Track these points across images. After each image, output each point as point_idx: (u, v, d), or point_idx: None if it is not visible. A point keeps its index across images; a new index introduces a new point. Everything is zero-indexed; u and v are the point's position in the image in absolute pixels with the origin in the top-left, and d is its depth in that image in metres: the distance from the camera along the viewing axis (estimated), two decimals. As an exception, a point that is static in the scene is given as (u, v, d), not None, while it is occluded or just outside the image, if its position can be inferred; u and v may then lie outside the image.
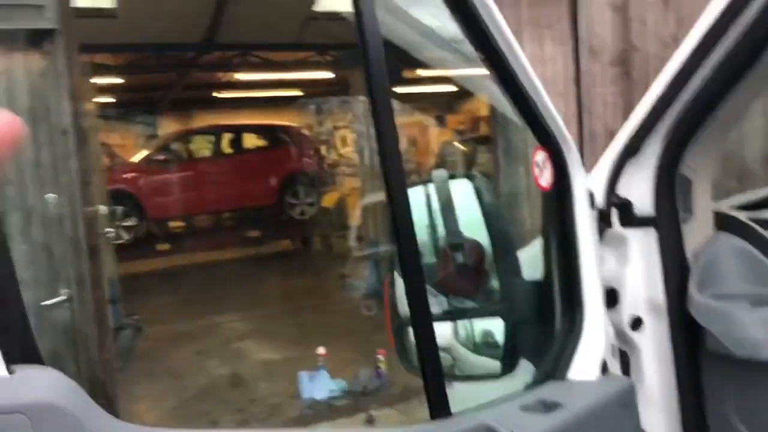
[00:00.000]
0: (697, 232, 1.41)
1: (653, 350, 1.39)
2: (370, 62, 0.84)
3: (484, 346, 1.47)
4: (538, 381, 1.20)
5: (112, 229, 7.27)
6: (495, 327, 1.44)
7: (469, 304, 1.41)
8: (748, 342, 1.21)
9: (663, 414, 1.38)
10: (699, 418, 1.37)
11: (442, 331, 1.54)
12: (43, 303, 3.67)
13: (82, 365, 3.91)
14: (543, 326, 1.32)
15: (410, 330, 1.48)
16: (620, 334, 1.41)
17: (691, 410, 1.36)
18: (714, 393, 1.35)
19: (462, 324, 1.50)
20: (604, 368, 1.25)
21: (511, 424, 0.92)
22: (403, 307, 1.48)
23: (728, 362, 1.31)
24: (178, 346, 6.40)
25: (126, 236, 9.09)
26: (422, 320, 0.94)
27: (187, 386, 5.44)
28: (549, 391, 1.10)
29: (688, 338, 1.35)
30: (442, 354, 1.64)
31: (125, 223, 9.04)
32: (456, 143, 12.16)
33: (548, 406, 1.01)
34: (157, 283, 8.77)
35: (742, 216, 1.39)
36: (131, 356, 5.99)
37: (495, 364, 1.40)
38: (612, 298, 1.42)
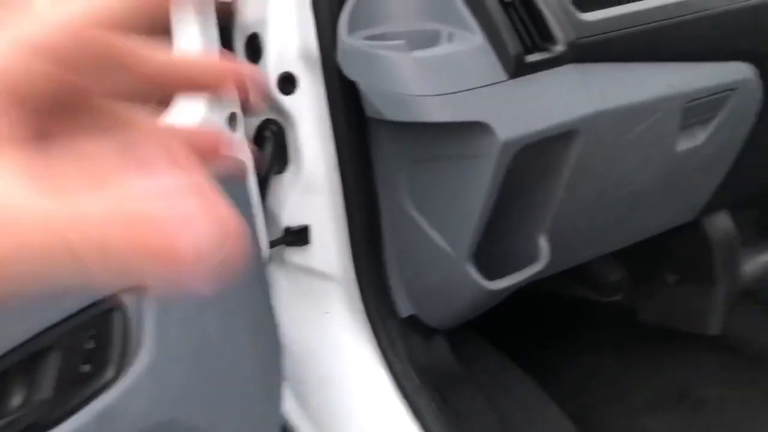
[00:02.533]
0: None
1: (310, 117, 1.02)
2: None
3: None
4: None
5: None
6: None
7: None
8: (398, 96, 0.86)
9: (327, 199, 1.05)
10: (369, 203, 1.05)
11: None
12: None
13: None
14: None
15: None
16: (270, 100, 1.02)
17: (356, 194, 1.03)
18: (384, 171, 1.03)
19: None
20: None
21: None
22: None
23: (393, 129, 0.97)
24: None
25: None
26: None
27: None
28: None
29: (349, 100, 0.99)
30: None
31: None
32: None
33: None
34: None
35: None
36: None
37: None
38: (254, 47, 1.01)
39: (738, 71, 1.17)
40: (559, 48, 0.92)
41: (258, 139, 1.05)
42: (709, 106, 1.14)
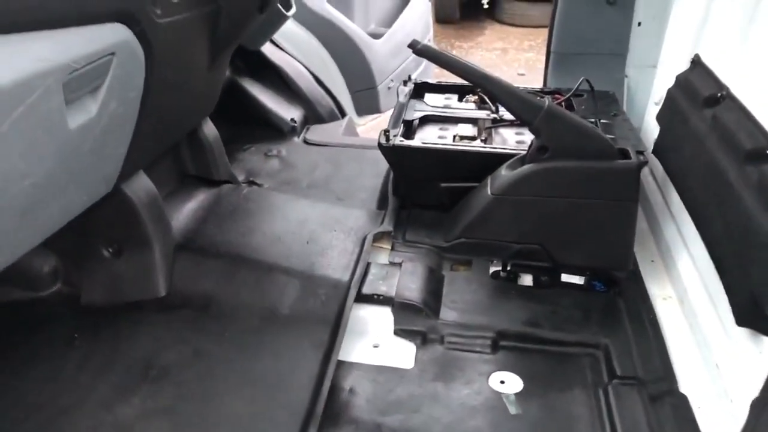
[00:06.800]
0: None
1: None
2: None
3: None
4: None
5: None
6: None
7: None
8: None
9: None
10: None
11: None
12: None
13: None
14: None
15: None
16: None
17: None
18: None
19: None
20: None
21: None
22: None
23: None
24: None
25: None
26: None
27: None
28: None
29: None
30: None
31: None
32: None
33: None
34: None
35: None
36: None
37: None
38: None
39: (114, 34, 1.11)
40: None
41: None
42: (93, 75, 1.07)
